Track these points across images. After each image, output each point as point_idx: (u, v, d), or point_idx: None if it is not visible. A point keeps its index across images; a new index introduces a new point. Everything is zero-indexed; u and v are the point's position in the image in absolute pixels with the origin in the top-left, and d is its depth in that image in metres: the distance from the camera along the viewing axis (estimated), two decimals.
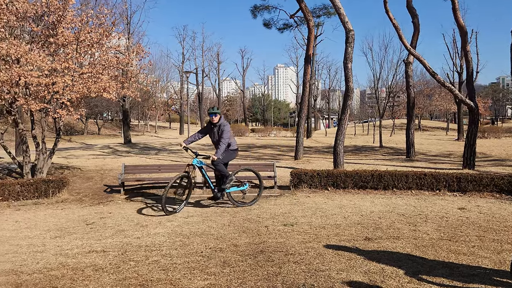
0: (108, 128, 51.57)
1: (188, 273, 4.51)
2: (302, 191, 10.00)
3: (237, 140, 31.16)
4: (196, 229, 6.53)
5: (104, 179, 12.64)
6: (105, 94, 10.27)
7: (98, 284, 4.23)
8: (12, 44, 9.21)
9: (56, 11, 9.91)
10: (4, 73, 9.14)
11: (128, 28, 26.60)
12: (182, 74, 50.16)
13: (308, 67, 17.31)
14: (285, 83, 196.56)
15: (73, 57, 10.13)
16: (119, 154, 21.06)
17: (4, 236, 6.55)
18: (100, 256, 5.23)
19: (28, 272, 4.67)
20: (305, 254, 5.10)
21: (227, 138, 7.77)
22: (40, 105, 9.84)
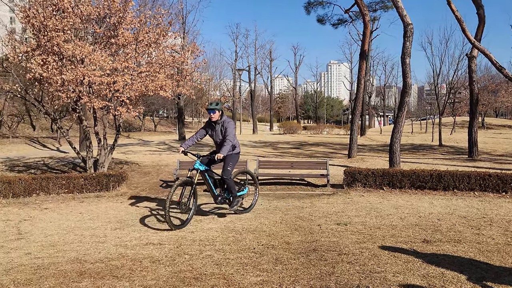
0: (163, 125, 53.40)
1: (241, 268, 4.54)
2: (356, 190, 9.76)
3: (289, 137, 31.07)
4: (248, 226, 6.57)
5: (160, 174, 13.09)
6: (161, 92, 10.63)
7: (155, 276, 4.37)
8: (77, 45, 9.78)
9: (117, 13, 10.39)
10: (70, 72, 9.73)
11: (183, 27, 27.35)
12: (235, 72, 50.80)
13: (363, 63, 16.86)
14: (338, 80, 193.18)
15: (132, 56, 10.58)
16: (174, 150, 21.72)
17: (69, 227, 6.96)
18: (156, 248, 5.41)
19: (91, 261, 4.93)
20: (359, 254, 4.96)
21: (232, 135, 6.79)
22: (102, 103, 10.38)
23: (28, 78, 10.15)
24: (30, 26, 10.50)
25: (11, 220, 7.60)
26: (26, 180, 9.97)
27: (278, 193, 10.09)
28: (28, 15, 10.13)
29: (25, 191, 9.87)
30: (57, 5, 10.08)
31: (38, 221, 7.48)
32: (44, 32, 9.84)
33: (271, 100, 60.75)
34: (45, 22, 9.70)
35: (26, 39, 17.31)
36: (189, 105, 51.29)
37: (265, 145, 23.57)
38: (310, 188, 10.67)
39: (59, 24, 9.77)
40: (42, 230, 6.73)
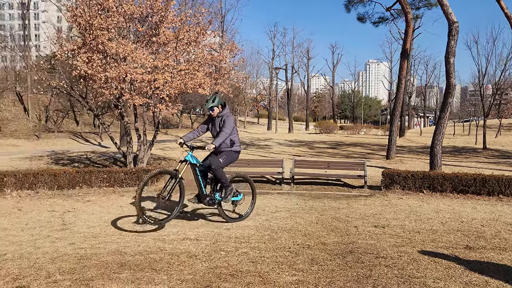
0: (200, 123, 54.17)
1: (276, 267, 4.53)
2: (394, 192, 9.52)
3: (325, 137, 30.72)
4: (284, 225, 6.56)
5: None
6: (200, 90, 10.79)
7: (192, 270, 4.44)
8: (121, 43, 10.09)
9: (159, 12, 10.64)
10: (113, 70, 10.05)
11: (221, 26, 27.68)
12: (271, 71, 50.82)
13: (405, 62, 16.40)
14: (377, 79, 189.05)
15: (172, 55, 10.80)
16: None
17: (111, 219, 7.20)
18: (193, 243, 5.49)
19: (131, 253, 5.07)
20: (397, 258, 4.83)
21: (230, 128, 6.21)
22: (142, 100, 10.66)
23: (74, 75, 10.58)
24: (76, 25, 10.92)
25: (56, 211, 7.94)
26: (70, 173, 10.38)
27: (314, 193, 10.01)
28: (75, 14, 10.55)
29: (69, 184, 10.29)
30: (102, 5, 10.45)
31: (81, 213, 7.78)
32: (89, 31, 10.23)
33: (307, 99, 60.31)
34: (91, 21, 10.08)
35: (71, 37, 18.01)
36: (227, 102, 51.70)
37: (301, 144, 23.42)
38: (346, 189, 10.51)
39: (104, 23, 10.13)
40: (85, 222, 6.99)
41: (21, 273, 4.33)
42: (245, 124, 57.20)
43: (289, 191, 10.25)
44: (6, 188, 9.61)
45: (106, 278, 4.19)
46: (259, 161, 12.11)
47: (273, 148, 21.19)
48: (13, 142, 25.65)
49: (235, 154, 6.53)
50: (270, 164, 11.81)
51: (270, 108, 53.96)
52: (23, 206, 8.45)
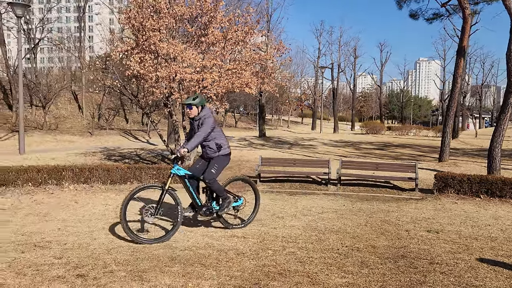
0: (244, 122, 54.65)
1: (325, 268, 4.47)
2: (447, 197, 9.11)
3: (372, 138, 29.97)
4: (331, 226, 6.46)
5: (242, 170, 13.38)
6: (247, 89, 10.87)
7: (240, 267, 4.47)
8: (171, 44, 10.36)
9: (208, 12, 10.84)
10: (164, 70, 10.35)
11: (268, 25, 27.69)
12: (317, 69, 50.28)
13: (461, 60, 15.63)
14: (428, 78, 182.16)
15: (220, 54, 10.96)
16: (254, 146, 22.12)
17: None
18: (241, 241, 5.53)
19: (181, 248, 5.19)
20: (453, 265, 4.62)
21: (207, 129, 5.69)
22: None
23: (127, 74, 10.99)
24: (130, 27, 11.34)
25: (110, 205, 8.28)
26: (122, 169, 10.78)
27: (361, 194, 9.79)
28: (129, 16, 10.97)
29: (121, 179, 10.68)
30: (155, 7, 10.78)
31: (133, 207, 8.05)
32: (142, 32, 10.59)
33: (353, 98, 59.13)
34: (144, 23, 10.43)
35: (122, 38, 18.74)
36: (269, 102, 51.89)
37: (347, 145, 23.00)
38: (396, 192, 10.20)
39: (155, 25, 10.45)
40: None
41: (80, 262, 4.55)
42: (288, 124, 57.05)
43: (335, 192, 10.09)
44: (64, 181, 10.14)
45: (158, 271, 4.31)
46: (304, 161, 12.01)
47: (318, 148, 20.96)
48: (69, 138, 27.08)
49: (226, 158, 6.03)
50: (316, 164, 11.68)
51: (315, 108, 53.43)
52: (79, 199, 8.89)
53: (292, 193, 9.88)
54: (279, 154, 17.39)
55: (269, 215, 7.24)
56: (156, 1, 10.63)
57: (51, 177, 10.03)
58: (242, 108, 63.00)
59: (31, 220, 6.92)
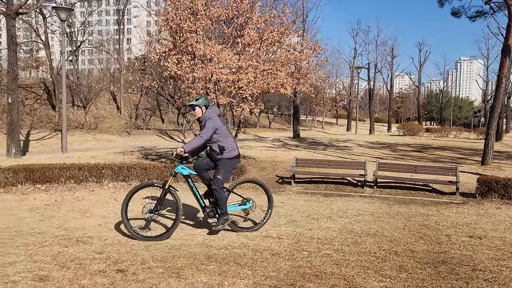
0: (277, 122, 54.58)
1: (362, 271, 4.39)
2: (491, 201, 8.74)
3: (409, 139, 29.20)
4: (368, 229, 6.34)
5: (276, 170, 13.37)
6: (282, 90, 10.86)
7: (275, 268, 4.47)
8: (208, 45, 10.51)
9: (244, 13, 10.91)
10: (200, 70, 10.51)
11: (303, 25, 27.56)
12: (353, 70, 49.54)
13: (506, 60, 14.94)
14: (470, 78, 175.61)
15: (256, 55, 11.00)
16: (288, 147, 22.05)
17: (195, 213, 7.50)
18: (275, 242, 5.53)
19: (216, 247, 5.25)
20: (498, 272, 4.42)
21: (207, 132, 5.53)
22: (227, 99, 11.00)
23: (165, 75, 11.24)
24: (168, 29, 11.59)
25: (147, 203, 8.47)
26: (159, 168, 11.02)
27: (399, 197, 9.56)
28: (167, 18, 11.21)
29: (157, 178, 10.91)
30: (192, 8, 10.96)
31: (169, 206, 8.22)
32: (180, 34, 10.80)
33: (390, 99, 57.84)
34: (181, 25, 10.64)
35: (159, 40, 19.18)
36: (304, 103, 51.59)
37: (383, 147, 22.52)
38: (435, 195, 9.88)
39: (193, 26, 10.63)
40: None
41: (120, 257, 4.69)
42: (323, 125, 56.51)
43: (371, 194, 9.90)
44: (104, 179, 10.47)
45: (194, 269, 4.37)
46: (339, 163, 11.85)
47: (353, 149, 20.64)
48: (108, 138, 27.96)
49: (231, 161, 5.75)
50: (352, 166, 11.50)
51: (350, 109, 52.64)
52: (118, 196, 9.15)
53: (327, 194, 9.78)
54: (313, 155, 17.26)
55: (304, 217, 7.20)
56: (193, 3, 10.81)
57: (91, 175, 10.38)
58: (276, 108, 62.98)
59: (73, 216, 7.20)
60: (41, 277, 4.01)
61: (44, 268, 4.26)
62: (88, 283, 3.91)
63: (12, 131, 15.61)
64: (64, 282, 3.91)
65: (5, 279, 3.93)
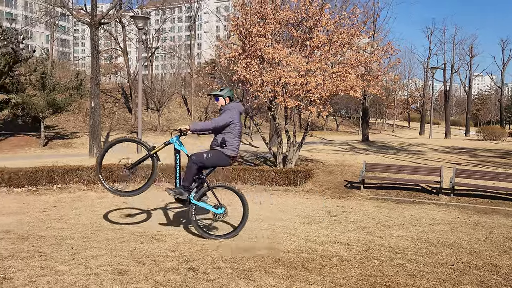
0: (345, 125, 53.42)
1: (438, 284, 4.14)
2: None
3: (490, 144, 27.10)
4: (444, 239, 5.97)
5: (344, 175, 13.09)
6: (351, 93, 10.61)
7: (344, 275, 4.36)
8: (276, 49, 10.57)
9: (313, 16, 10.82)
10: (269, 74, 10.60)
11: (374, 26, 26.71)
12: (427, 71, 47.07)
13: None
14: None
15: (325, 57, 10.85)
16: (357, 151, 21.48)
17: (263, 215, 7.58)
18: (344, 248, 5.40)
19: (284, 250, 5.24)
20: None
21: (221, 120, 5.47)
22: (295, 102, 10.97)
23: (234, 79, 11.48)
24: (237, 33, 11.84)
25: None
26: (227, 170, 11.27)
27: (479, 207, 8.90)
28: (237, 23, 11.46)
29: (226, 179, 11.18)
30: (261, 13, 11.10)
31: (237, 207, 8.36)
32: (249, 38, 10.99)
33: (468, 101, 54.09)
34: (251, 29, 10.81)
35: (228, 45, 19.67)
36: (373, 105, 50.03)
37: (460, 152, 21.12)
38: None
39: (262, 30, 10.76)
40: None
41: (191, 256, 4.85)
42: (393, 128, 54.33)
43: (448, 202, 9.32)
44: None
45: (263, 271, 4.40)
46: (412, 168, 11.32)
47: (427, 154, 19.58)
48: None
49: (225, 158, 5.61)
50: (426, 172, 10.92)
51: (423, 111, 50.07)
52: None
53: (398, 201, 9.38)
54: (383, 160, 16.64)
55: (374, 223, 6.96)
56: (262, 8, 10.94)
57: (165, 175, 10.87)
58: (344, 111, 61.71)
59: None
60: (120, 271, 4.26)
61: (122, 263, 4.53)
62: (162, 279, 4.09)
63: (94, 133, 16.87)
64: (140, 277, 4.12)
65: (88, 271, 4.23)
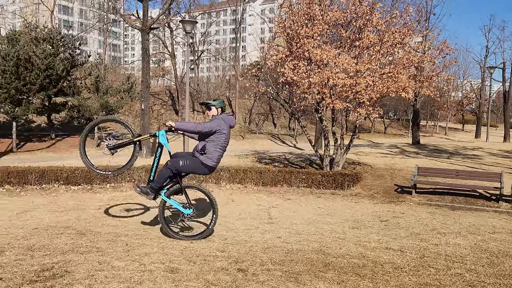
0: (394, 128, 51.79)
1: None
2: None
3: None
4: (506, 249, 5.61)
5: (394, 179, 12.66)
6: (403, 94, 10.23)
7: (398, 283, 4.19)
8: (325, 50, 10.41)
9: (363, 16, 10.56)
10: (317, 76, 10.45)
11: (426, 24, 25.70)
12: (484, 70, 44.70)
13: None
14: None
15: (375, 58, 10.56)
16: (407, 154, 20.74)
17: (310, 219, 7.47)
18: (397, 255, 5.20)
19: (333, 255, 5.12)
20: None
21: (206, 125, 5.41)
22: (343, 104, 10.75)
23: (281, 81, 11.44)
24: (284, 35, 11.79)
25: (262, 206, 8.70)
26: (273, 172, 11.25)
27: None
28: (284, 25, 11.42)
29: (271, 181, 11.15)
30: (309, 14, 10.99)
31: (283, 210, 8.32)
32: (296, 40, 10.90)
33: None
34: (298, 31, 10.72)
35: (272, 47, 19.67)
36: (424, 106, 48.15)
37: None
38: None
39: (310, 32, 10.64)
40: (288, 218, 7.44)
41: (240, 257, 4.86)
42: (446, 131, 52.01)
43: (509, 210, 8.75)
44: (222, 181, 11.04)
45: (312, 275, 4.32)
46: (469, 173, 10.75)
47: (485, 158, 18.54)
48: None
49: (202, 167, 5.52)
50: (484, 177, 10.32)
51: (480, 113, 47.55)
52: (235, 198, 9.57)
53: (454, 207, 8.93)
54: (436, 164, 15.96)
55: (428, 230, 6.67)
56: (310, 9, 10.83)
57: (211, 176, 11.00)
58: (392, 113, 59.89)
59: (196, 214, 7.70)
60: (172, 269, 4.34)
61: (174, 261, 4.61)
62: (213, 278, 4.12)
63: (144, 134, 17.40)
64: (192, 275, 4.18)
65: (142, 267, 4.34)
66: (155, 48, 56.28)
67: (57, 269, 4.17)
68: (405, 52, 10.83)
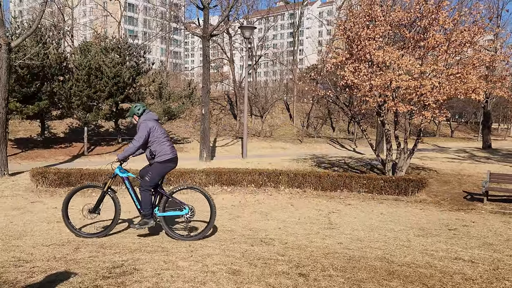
0: (461, 131, 48.91)
1: None
2: None
3: None
4: None
5: (463, 185, 11.97)
6: (473, 95, 9.64)
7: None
8: (387, 51, 10.09)
9: (429, 15, 10.10)
10: (378, 78, 10.15)
11: (497, 21, 24.03)
12: None
13: None
14: None
15: (442, 58, 10.06)
16: (477, 159, 19.52)
17: (372, 225, 7.27)
18: (468, 265, 4.91)
19: (398, 263, 4.94)
20: None
21: (139, 138, 5.63)
22: (407, 106, 10.35)
23: (340, 84, 11.25)
24: (345, 38, 11.59)
25: (322, 210, 8.60)
26: (333, 176, 11.08)
27: None
28: (344, 27, 11.23)
29: (331, 186, 10.98)
30: (370, 15, 10.72)
31: (344, 215, 8.17)
32: (357, 42, 10.67)
33: None
34: (359, 33, 10.49)
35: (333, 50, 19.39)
36: (496, 108, 45.05)
37: None
38: None
39: (371, 33, 10.37)
40: (349, 224, 7.30)
41: (300, 262, 4.83)
42: None
43: None
44: (281, 185, 11.05)
45: (376, 283, 4.20)
46: None
47: None
48: (281, 145, 29.54)
49: (162, 165, 5.73)
50: None
51: None
52: (294, 202, 9.55)
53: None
54: (510, 170, 14.87)
55: (502, 240, 6.23)
56: (371, 10, 10.56)
57: (269, 180, 11.08)
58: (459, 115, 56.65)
59: (256, 217, 7.79)
60: (234, 271, 4.42)
61: (235, 263, 4.69)
62: (274, 282, 4.13)
63: (204, 138, 17.91)
64: (253, 278, 4.22)
65: (205, 268, 4.46)
66: (214, 54, 57.71)
67: (127, 267, 4.40)
68: (475, 51, 10.19)
